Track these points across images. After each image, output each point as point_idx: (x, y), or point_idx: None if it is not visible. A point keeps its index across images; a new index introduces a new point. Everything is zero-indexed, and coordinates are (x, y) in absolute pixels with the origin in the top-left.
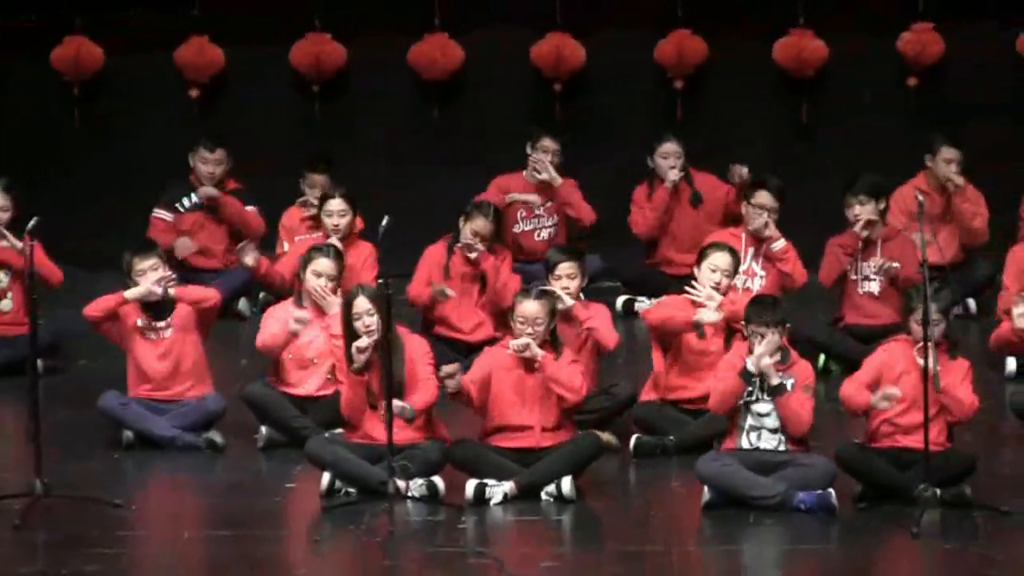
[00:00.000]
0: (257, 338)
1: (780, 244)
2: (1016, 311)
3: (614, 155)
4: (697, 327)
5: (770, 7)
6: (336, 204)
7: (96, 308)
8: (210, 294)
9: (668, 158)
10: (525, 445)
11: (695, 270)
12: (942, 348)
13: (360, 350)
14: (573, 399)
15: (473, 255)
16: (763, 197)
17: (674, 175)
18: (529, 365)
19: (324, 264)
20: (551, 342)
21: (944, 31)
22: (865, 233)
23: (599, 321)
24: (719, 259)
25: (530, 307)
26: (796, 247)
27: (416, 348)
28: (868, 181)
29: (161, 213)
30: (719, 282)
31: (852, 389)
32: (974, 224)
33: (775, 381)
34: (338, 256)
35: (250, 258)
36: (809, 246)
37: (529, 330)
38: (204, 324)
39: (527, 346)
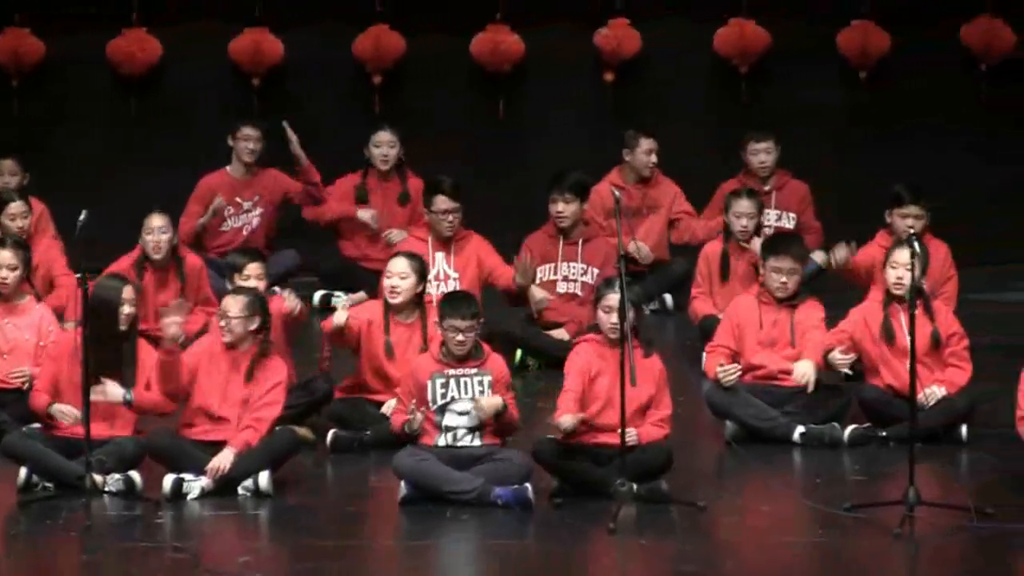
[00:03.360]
0: None
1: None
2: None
3: (313, 149)
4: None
5: (468, 1)
6: (16, 207)
7: None
8: None
9: (381, 147)
10: (221, 438)
11: None
12: (636, 346)
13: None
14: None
15: (158, 255)
16: (442, 202)
17: (383, 166)
18: (237, 362)
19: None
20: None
21: (641, 27)
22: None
23: None
24: (392, 265)
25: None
26: (498, 246)
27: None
28: (574, 179)
29: None
30: (395, 286)
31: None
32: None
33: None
34: (16, 246)
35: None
36: (509, 244)
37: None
38: None
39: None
